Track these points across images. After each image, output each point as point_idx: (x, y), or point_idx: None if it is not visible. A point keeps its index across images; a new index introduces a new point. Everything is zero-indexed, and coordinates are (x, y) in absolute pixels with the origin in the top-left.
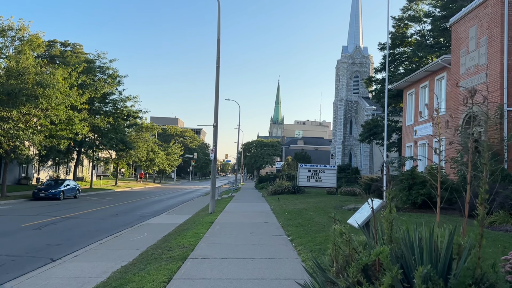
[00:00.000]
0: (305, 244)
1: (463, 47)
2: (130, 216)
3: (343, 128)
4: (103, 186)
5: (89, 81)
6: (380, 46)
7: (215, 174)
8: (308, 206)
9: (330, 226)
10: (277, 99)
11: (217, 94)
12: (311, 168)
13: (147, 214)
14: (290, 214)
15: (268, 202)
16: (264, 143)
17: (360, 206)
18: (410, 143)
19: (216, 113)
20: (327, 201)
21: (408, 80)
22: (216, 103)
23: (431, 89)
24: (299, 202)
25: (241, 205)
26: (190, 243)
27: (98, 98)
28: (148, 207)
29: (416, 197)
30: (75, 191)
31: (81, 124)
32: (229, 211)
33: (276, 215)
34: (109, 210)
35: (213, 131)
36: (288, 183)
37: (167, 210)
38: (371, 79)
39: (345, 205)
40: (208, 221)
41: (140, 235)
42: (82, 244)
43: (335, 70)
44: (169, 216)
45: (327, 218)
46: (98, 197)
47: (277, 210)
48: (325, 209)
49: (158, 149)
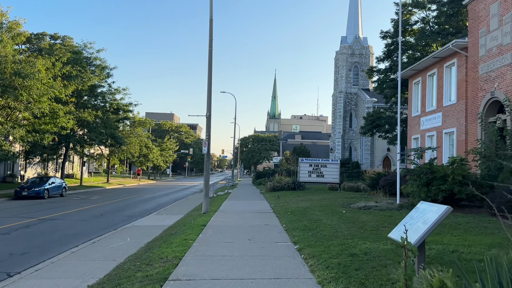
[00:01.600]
0: (317, 256)
1: (483, 27)
2: (116, 216)
3: (342, 121)
4: (94, 184)
5: (75, 72)
6: (383, 35)
7: (208, 170)
8: (312, 204)
9: (342, 229)
10: (273, 93)
11: (210, 81)
12: (312, 162)
13: (135, 214)
14: (294, 214)
15: (267, 199)
16: (261, 138)
17: (370, 204)
18: (416, 135)
19: (209, 102)
20: (332, 198)
21: (414, 68)
22: (209, 91)
23: (439, 77)
24: (301, 200)
25: (237, 204)
26: (175, 255)
27: (85, 90)
28: (138, 206)
29: (436, 194)
30: (61, 189)
31: (66, 118)
32: (224, 211)
33: (277, 216)
34: (95, 210)
35: (206, 122)
36: (288, 179)
37: (157, 209)
38: (372, 69)
39: (353, 202)
40: (200, 223)
41: (122, 241)
42: (52, 253)
43: (334, 61)
44: (159, 217)
45: (337, 219)
46: (87, 195)
47: (278, 209)
48: (332, 208)
49: (152, 144)
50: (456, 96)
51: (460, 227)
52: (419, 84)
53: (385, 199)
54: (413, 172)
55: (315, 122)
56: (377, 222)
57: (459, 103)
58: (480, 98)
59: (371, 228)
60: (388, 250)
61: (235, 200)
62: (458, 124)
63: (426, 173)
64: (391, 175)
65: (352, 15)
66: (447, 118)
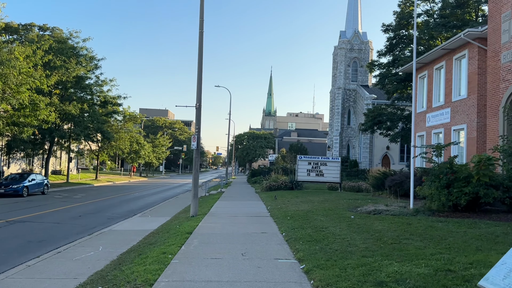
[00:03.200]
0: (333, 285)
1: (506, 10)
2: (96, 218)
3: (340, 119)
4: (82, 181)
5: (59, 62)
6: (384, 28)
7: (198, 168)
8: (313, 207)
9: (357, 241)
10: (269, 90)
11: (201, 68)
12: (311, 160)
13: (117, 216)
14: (294, 219)
15: (263, 200)
16: (257, 135)
17: (380, 207)
18: (421, 132)
19: (199, 91)
20: (334, 200)
21: (420, 61)
22: (199, 80)
23: (448, 70)
24: (300, 201)
25: (230, 204)
26: (146, 278)
27: (71, 82)
28: (123, 206)
29: (459, 197)
30: (43, 187)
31: (47, 110)
32: (215, 214)
33: (275, 220)
34: (75, 210)
35: (195, 114)
36: (285, 178)
37: (143, 210)
38: (373, 63)
39: (359, 205)
40: (185, 230)
41: (93, 250)
42: (4, 266)
43: (332, 57)
44: (143, 219)
45: (347, 226)
46: (70, 193)
47: (276, 212)
48: (337, 212)
49: (143, 140)
50: (466, 90)
51: (500, 240)
52: (425, 78)
53: (395, 202)
54: (431, 172)
55: (311, 120)
56: (396, 232)
57: (470, 97)
58: (503, 89)
59: (391, 241)
60: (427, 276)
61: (228, 201)
62: (469, 121)
63: (447, 173)
64: (398, 175)
65: (351, 8)
66: (456, 114)
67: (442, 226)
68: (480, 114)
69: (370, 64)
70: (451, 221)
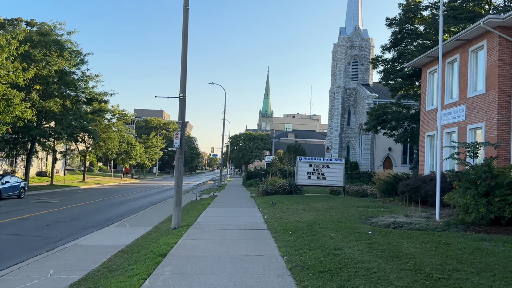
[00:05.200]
0: None
1: None
2: (65, 228)
3: (340, 119)
4: (68, 183)
5: (40, 55)
6: (388, 22)
7: (181, 170)
8: (318, 217)
9: (388, 275)
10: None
11: (185, 51)
12: (312, 162)
13: (91, 225)
14: (297, 235)
15: (259, 206)
16: (253, 136)
17: (400, 219)
18: (431, 132)
19: (184, 80)
20: (341, 208)
21: (430, 55)
22: (183, 65)
23: (463, 63)
24: (302, 209)
25: (222, 212)
26: None
27: (53, 77)
28: (102, 212)
29: (502, 208)
30: (19, 190)
31: (22, 106)
32: (201, 226)
33: (274, 236)
34: (45, 217)
35: (179, 106)
36: (283, 181)
37: (124, 217)
38: (377, 59)
39: (372, 215)
40: (159, 250)
41: (38, 277)
42: None
43: (332, 54)
44: (119, 230)
45: (366, 247)
46: (50, 196)
47: (274, 223)
48: (349, 224)
49: (135, 141)
50: (485, 85)
51: None
52: (435, 73)
53: (414, 211)
54: (464, 176)
55: (308, 121)
56: (436, 257)
57: (489, 93)
58: None
59: (437, 274)
60: None
61: (219, 207)
62: (488, 118)
63: (486, 178)
64: (413, 179)
65: (352, 4)
66: (472, 112)
67: (492, 248)
68: (502, 111)
69: (373, 59)
70: (497, 239)
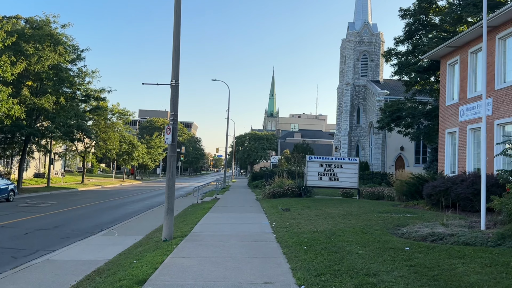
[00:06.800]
0: None
1: None
2: (45, 237)
3: (349, 117)
4: (66, 185)
5: (32, 50)
6: (402, 13)
7: (173, 171)
8: (336, 225)
9: None
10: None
11: (178, 30)
12: (323, 162)
13: (76, 233)
14: (315, 251)
15: (266, 211)
16: (258, 136)
17: (438, 229)
18: (453, 129)
19: (176, 64)
20: (361, 213)
21: (450, 45)
22: (175, 46)
23: (489, 52)
24: (315, 215)
25: (223, 219)
26: None
27: (46, 73)
28: (93, 218)
29: None
30: (7, 192)
31: (10, 102)
32: (197, 237)
33: (285, 252)
34: (27, 224)
35: (170, 95)
36: (291, 182)
37: (115, 224)
38: (390, 52)
39: (400, 223)
40: (139, 274)
41: None
42: None
43: (340, 50)
44: (104, 240)
45: (410, 271)
46: (42, 199)
47: (284, 233)
48: (376, 236)
49: (137, 141)
50: None
51: None
52: (456, 64)
53: (453, 218)
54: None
55: (315, 121)
56: None
57: None
58: None
59: None
60: None
61: (221, 212)
62: None
63: None
64: (441, 180)
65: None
66: (501, 105)
67: None
68: None
69: (386, 52)
70: None
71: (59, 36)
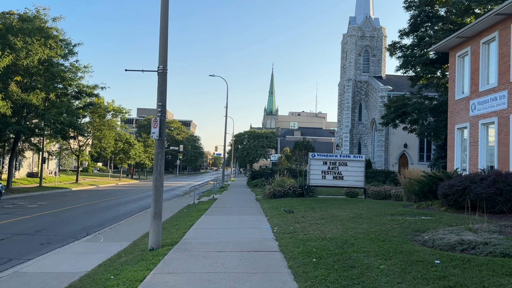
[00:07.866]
0: None
1: None
2: (23, 243)
3: (351, 114)
4: (59, 184)
5: (20, 44)
6: (407, 4)
7: (161, 170)
8: (347, 231)
9: None
10: (271, 88)
11: (166, 7)
12: (327, 159)
13: (58, 239)
14: (326, 265)
15: (267, 213)
16: (258, 134)
17: (466, 236)
18: (463, 124)
19: (164, 47)
20: (370, 216)
21: (462, 35)
22: (163, 26)
23: (503, 42)
24: (321, 217)
25: (219, 222)
26: None
27: (36, 67)
28: (79, 221)
29: None
30: None
31: None
32: (188, 245)
33: (290, 265)
34: (7, 228)
35: (157, 83)
36: (292, 181)
37: (102, 227)
38: (395, 45)
39: (419, 227)
40: None
41: None
42: None
43: (341, 46)
44: (86, 247)
45: None
46: (31, 200)
47: (288, 241)
48: (396, 245)
49: (133, 139)
50: None
51: None
52: (466, 56)
53: (480, 222)
54: None
55: (314, 119)
56: None
57: None
58: None
59: None
60: None
61: (217, 214)
62: None
63: None
64: (457, 179)
65: None
66: None
67: None
68: None
69: (391, 46)
70: None
71: (50, 30)
